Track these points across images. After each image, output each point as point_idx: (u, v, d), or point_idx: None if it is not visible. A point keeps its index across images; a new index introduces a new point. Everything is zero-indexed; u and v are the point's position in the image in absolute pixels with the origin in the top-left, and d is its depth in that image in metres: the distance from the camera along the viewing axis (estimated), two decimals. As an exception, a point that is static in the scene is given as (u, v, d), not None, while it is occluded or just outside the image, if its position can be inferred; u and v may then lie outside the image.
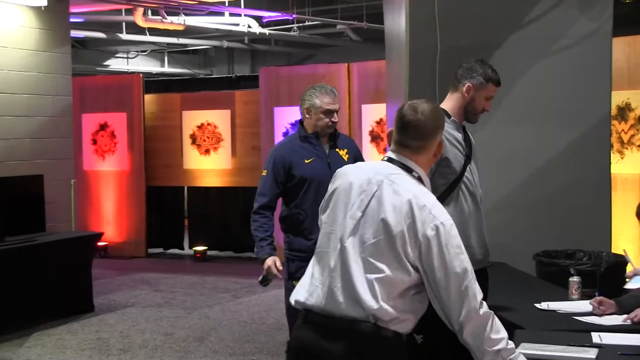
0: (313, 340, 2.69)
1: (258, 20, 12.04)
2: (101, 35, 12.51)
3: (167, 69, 16.51)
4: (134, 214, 10.94)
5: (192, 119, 10.91)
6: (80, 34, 11.95)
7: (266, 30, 12.35)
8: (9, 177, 7.35)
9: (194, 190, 11.50)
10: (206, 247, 11.10)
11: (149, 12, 10.99)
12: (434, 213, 2.62)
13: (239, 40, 14.34)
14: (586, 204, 5.52)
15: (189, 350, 6.31)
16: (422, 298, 2.67)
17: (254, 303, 8.02)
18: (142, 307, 7.87)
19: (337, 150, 4.55)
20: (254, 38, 13.83)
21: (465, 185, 3.70)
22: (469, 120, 3.83)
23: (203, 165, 10.89)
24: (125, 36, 12.80)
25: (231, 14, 11.74)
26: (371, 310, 2.59)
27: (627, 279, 3.66)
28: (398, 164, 2.76)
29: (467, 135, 3.84)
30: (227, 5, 11.12)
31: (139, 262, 10.62)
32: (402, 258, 2.60)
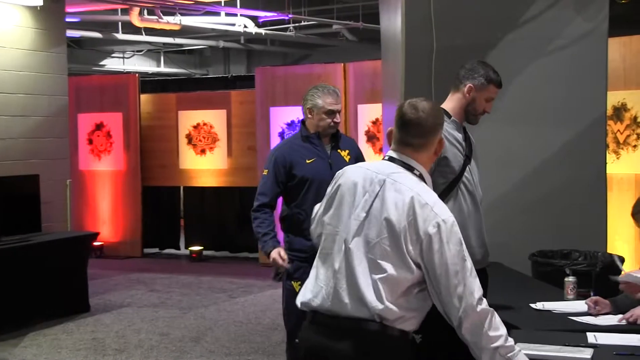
0: (320, 341, 2.72)
1: (254, 20, 12.03)
2: (97, 35, 12.49)
3: (163, 69, 16.50)
4: (129, 214, 10.93)
5: (188, 119, 10.90)
6: (76, 33, 11.94)
7: (262, 30, 12.35)
8: (5, 177, 7.34)
9: (189, 190, 11.49)
10: (202, 247, 11.10)
11: (144, 11, 10.98)
12: (436, 211, 2.65)
13: (235, 40, 14.33)
14: (582, 204, 5.53)
15: (185, 350, 6.30)
16: (426, 296, 2.69)
17: (249, 303, 8.02)
18: (137, 307, 7.86)
19: (338, 151, 4.55)
20: (250, 38, 13.82)
21: (464, 184, 3.71)
22: (469, 121, 3.83)
23: (199, 165, 10.89)
24: (121, 36, 12.79)
25: (227, 14, 11.74)
26: (376, 310, 2.61)
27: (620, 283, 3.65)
28: (399, 163, 2.78)
29: (468, 136, 3.84)
30: (223, 5, 11.11)
31: (134, 262, 10.61)
32: (405, 256, 2.63)
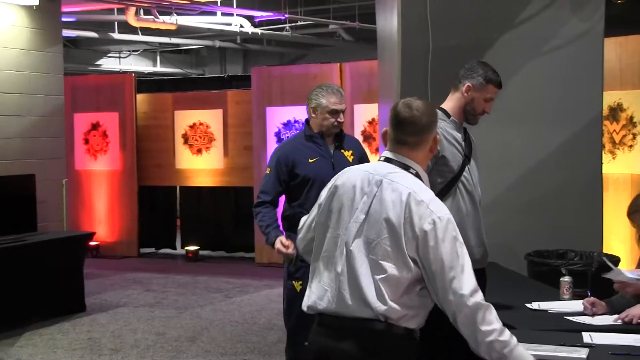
0: (328, 343, 2.76)
1: (250, 20, 12.03)
2: (93, 34, 12.48)
3: (159, 69, 16.49)
4: (126, 214, 10.92)
5: (184, 119, 10.90)
6: (72, 33, 11.92)
7: (258, 30, 12.34)
8: (0, 176, 7.33)
9: (186, 190, 11.48)
10: (198, 247, 11.09)
11: (141, 11, 10.96)
12: (431, 208, 2.67)
13: (231, 40, 14.32)
14: (578, 204, 5.54)
15: (181, 350, 6.30)
16: (428, 293, 2.72)
17: (245, 303, 8.01)
18: (134, 307, 7.85)
19: (342, 151, 4.54)
20: (246, 38, 13.82)
21: (463, 184, 3.71)
22: (469, 121, 3.83)
23: (195, 165, 10.88)
24: (117, 36, 12.77)
25: (223, 14, 11.73)
26: (379, 310, 2.65)
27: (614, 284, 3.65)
28: (396, 163, 2.82)
29: (468, 136, 3.85)
30: (219, 5, 11.11)
31: (130, 262, 10.60)
32: (405, 254, 2.66)
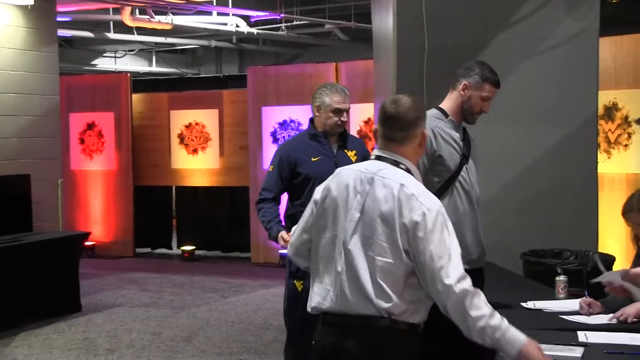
0: (333, 341, 2.81)
1: (246, 19, 12.01)
2: (89, 34, 12.46)
3: (154, 69, 16.47)
4: (121, 214, 10.91)
5: (180, 119, 10.89)
6: (68, 33, 11.90)
7: (254, 30, 12.33)
8: (-4, 176, 7.33)
9: (182, 189, 11.48)
10: (194, 247, 11.08)
11: (136, 11, 10.95)
12: (421, 200, 2.73)
13: (226, 40, 14.31)
14: (573, 204, 5.54)
15: (177, 350, 6.29)
16: None
17: (241, 303, 8.01)
18: (129, 307, 7.84)
19: (345, 151, 4.54)
20: (241, 37, 13.81)
21: (460, 184, 3.72)
22: (467, 121, 3.83)
23: (191, 165, 10.87)
24: (112, 35, 12.75)
25: (219, 14, 11.72)
26: (382, 307, 2.70)
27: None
28: (386, 160, 2.87)
29: (467, 136, 3.85)
30: (214, 4, 11.09)
31: (126, 262, 10.59)
32: (400, 247, 2.71)
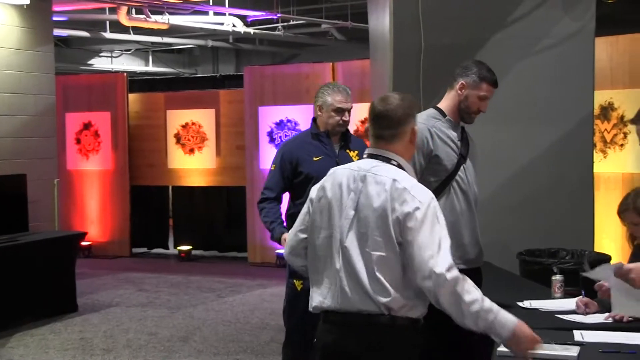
0: (335, 339, 2.84)
1: (242, 19, 12.01)
2: (85, 34, 12.44)
3: (151, 68, 16.45)
4: (118, 214, 10.90)
5: (177, 118, 10.88)
6: (64, 32, 11.88)
7: (251, 30, 12.32)
8: (-8, 176, 7.32)
9: (178, 189, 11.46)
10: (191, 247, 11.07)
11: (132, 10, 10.93)
12: (412, 193, 2.77)
13: (223, 40, 14.30)
14: (569, 203, 5.54)
15: (173, 350, 6.29)
16: None
17: (238, 303, 8.01)
18: (126, 307, 7.84)
19: (347, 151, 4.54)
20: (238, 37, 13.80)
21: (457, 183, 3.72)
22: (464, 120, 3.83)
23: (187, 165, 10.87)
24: (109, 35, 12.74)
25: (215, 13, 11.71)
26: (381, 302, 2.73)
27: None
28: (378, 157, 2.91)
29: (465, 135, 3.85)
30: (211, 4, 11.09)
31: (123, 262, 10.58)
32: (394, 240, 2.74)
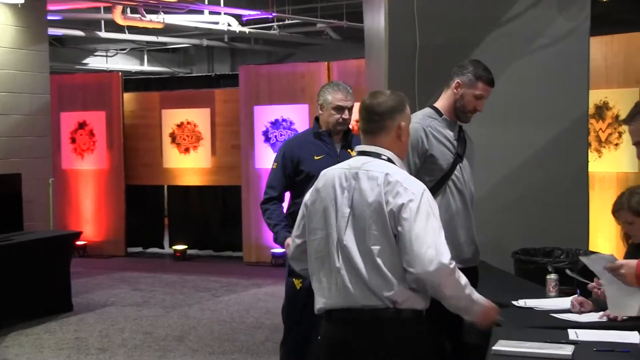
0: (340, 337, 2.87)
1: (238, 18, 12.00)
2: (80, 33, 12.42)
3: (146, 68, 16.43)
4: (113, 213, 10.89)
5: (172, 118, 10.87)
6: (59, 31, 11.86)
7: (246, 29, 12.32)
8: (-14, 175, 7.30)
9: (173, 189, 11.46)
10: (186, 246, 11.07)
11: (127, 10, 10.92)
12: (405, 185, 2.81)
13: (218, 39, 14.29)
14: (564, 202, 5.55)
15: (169, 349, 6.28)
16: None
17: (233, 302, 8.00)
18: (121, 306, 7.83)
19: (349, 150, 4.54)
20: (233, 36, 13.79)
21: (453, 182, 3.72)
22: (460, 119, 3.83)
23: (183, 164, 10.86)
24: (104, 34, 12.72)
25: (211, 13, 11.70)
26: (385, 295, 2.77)
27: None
28: (368, 154, 2.94)
29: (463, 135, 3.85)
30: (206, 3, 11.08)
31: (118, 261, 10.57)
32: (390, 233, 2.78)
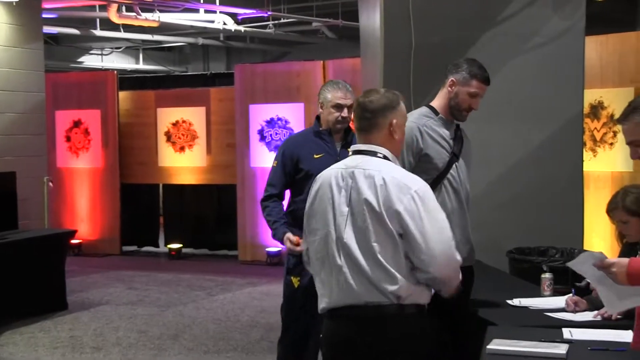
0: (344, 334, 2.88)
1: (233, 17, 11.99)
2: (75, 31, 12.41)
3: (141, 66, 16.42)
4: (108, 212, 10.87)
5: (167, 116, 10.86)
6: (54, 30, 11.85)
7: (241, 28, 12.31)
8: (-19, 174, 7.29)
9: (169, 187, 11.44)
10: (181, 245, 11.05)
11: (123, 8, 10.91)
12: (406, 182, 2.83)
13: (214, 38, 14.28)
14: (559, 202, 5.57)
15: (163, 348, 6.28)
16: None
17: (228, 301, 8.00)
18: (116, 305, 7.82)
19: (348, 150, 4.54)
20: (229, 35, 13.78)
21: (449, 182, 3.72)
22: (456, 118, 3.83)
23: (178, 163, 10.85)
24: (99, 33, 12.69)
25: (206, 11, 11.69)
26: (389, 290, 2.78)
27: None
28: (364, 153, 2.96)
29: (459, 134, 3.85)
30: (202, 2, 11.07)
31: (113, 260, 10.56)
32: (392, 231, 2.79)
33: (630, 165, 6.91)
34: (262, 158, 9.91)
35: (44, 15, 9.25)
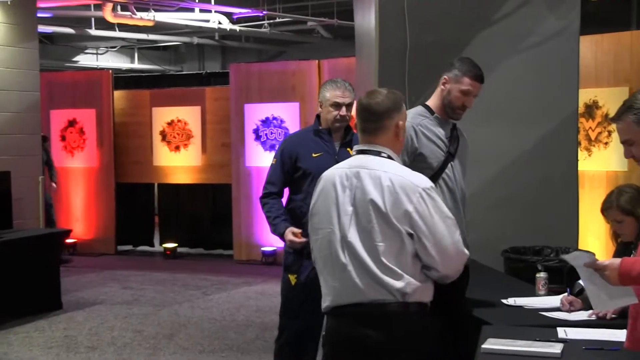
0: (348, 332, 2.88)
1: (228, 16, 11.99)
2: (70, 30, 12.39)
3: (137, 65, 16.39)
4: (103, 211, 10.86)
5: (162, 116, 10.85)
6: (49, 29, 11.82)
7: (237, 27, 12.31)
8: (-25, 173, 7.27)
9: (164, 187, 11.44)
10: (176, 244, 11.05)
11: (118, 7, 10.89)
12: (413, 181, 2.84)
13: (209, 37, 14.27)
14: (554, 201, 5.57)
15: (158, 347, 6.27)
16: None
17: (223, 300, 8.00)
18: (111, 305, 7.81)
19: (348, 149, 4.54)
20: (224, 34, 13.77)
21: (444, 181, 3.72)
22: (450, 116, 3.83)
23: (173, 162, 10.84)
24: (94, 32, 12.67)
25: (201, 10, 11.68)
26: (395, 287, 2.79)
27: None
28: (368, 152, 2.95)
29: (456, 133, 3.84)
30: (197, 1, 11.06)
31: (108, 259, 10.55)
32: (398, 229, 2.80)
33: (624, 164, 6.93)
34: (258, 157, 9.90)
35: (39, 15, 9.23)
